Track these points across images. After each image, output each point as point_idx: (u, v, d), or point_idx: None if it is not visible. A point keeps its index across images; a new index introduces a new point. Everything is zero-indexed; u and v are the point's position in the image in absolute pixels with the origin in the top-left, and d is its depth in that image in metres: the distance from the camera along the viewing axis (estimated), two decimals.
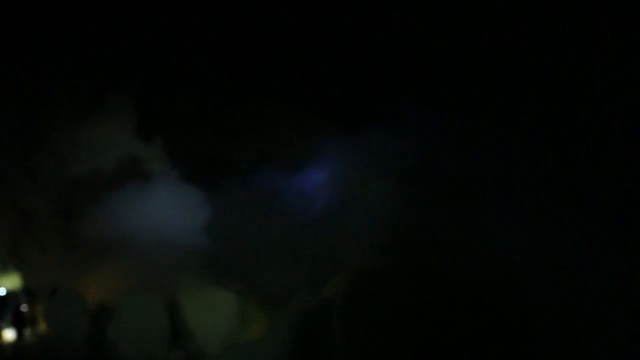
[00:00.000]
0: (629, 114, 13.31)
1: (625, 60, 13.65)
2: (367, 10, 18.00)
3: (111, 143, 18.07)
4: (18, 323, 14.32)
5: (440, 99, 16.02)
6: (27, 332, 14.69)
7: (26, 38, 17.60)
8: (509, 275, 11.14)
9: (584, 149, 13.35)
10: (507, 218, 12.35)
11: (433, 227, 12.92)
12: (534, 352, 10.42)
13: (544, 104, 14.71)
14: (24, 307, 14.99)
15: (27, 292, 15.61)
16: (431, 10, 16.83)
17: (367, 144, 16.39)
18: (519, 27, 15.51)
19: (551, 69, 15.09)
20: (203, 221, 16.16)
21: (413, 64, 17.53)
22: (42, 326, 14.87)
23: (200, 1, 18.48)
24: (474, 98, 15.65)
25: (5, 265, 16.78)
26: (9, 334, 14.34)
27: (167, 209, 16.22)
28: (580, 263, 11.00)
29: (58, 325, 13.94)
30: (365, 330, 11.08)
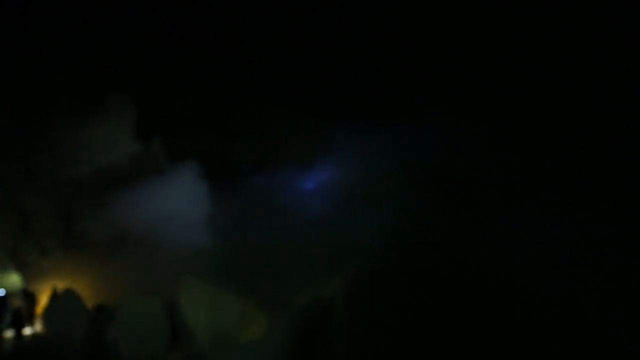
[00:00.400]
0: (631, 115, 13.33)
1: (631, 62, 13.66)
2: (371, 8, 18.03)
3: (111, 144, 18.08)
4: (18, 323, 14.31)
5: (443, 100, 15.99)
6: (27, 332, 14.68)
7: (26, 39, 17.62)
8: (509, 275, 11.15)
9: (588, 151, 13.35)
10: (509, 219, 12.35)
11: (433, 227, 12.91)
12: (534, 352, 10.42)
13: (551, 107, 14.68)
14: (24, 308, 14.99)
15: (27, 293, 15.60)
16: (437, 9, 16.84)
17: (368, 145, 16.41)
18: (539, 32, 15.46)
19: (554, 73, 15.09)
20: (203, 221, 16.18)
21: (413, 64, 17.55)
22: (41, 327, 14.87)
23: (199, 2, 18.51)
24: (477, 98, 15.64)
25: (6, 266, 16.79)
26: (9, 334, 14.33)
27: (167, 209, 16.23)
28: (581, 263, 11.00)
29: (58, 325, 13.93)
30: (365, 330, 11.07)
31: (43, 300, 15.49)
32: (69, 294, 14.42)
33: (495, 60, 16.09)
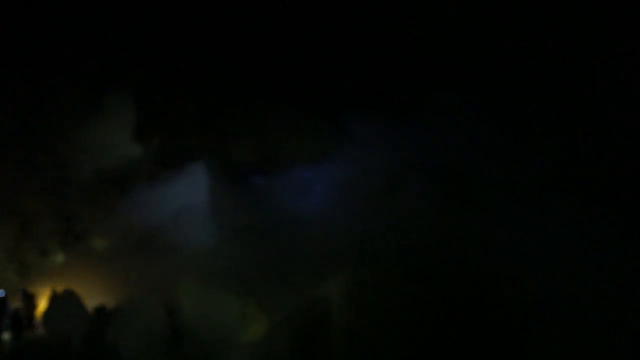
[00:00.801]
0: (631, 115, 13.31)
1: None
2: (371, 7, 17.99)
3: (111, 144, 18.07)
4: (17, 325, 14.30)
5: (447, 100, 15.88)
6: (27, 333, 14.67)
7: (26, 39, 17.62)
8: (510, 275, 11.15)
9: (589, 152, 13.31)
10: (509, 219, 12.34)
11: (434, 227, 12.91)
12: (534, 352, 10.42)
13: (558, 109, 14.61)
14: (23, 309, 14.98)
15: (26, 295, 15.58)
16: (438, 9, 16.78)
17: (368, 145, 16.40)
18: (545, 32, 15.36)
19: (567, 74, 15.00)
20: (203, 222, 16.17)
21: (415, 64, 17.53)
22: (41, 328, 14.85)
23: (199, 2, 18.51)
24: (485, 99, 15.54)
25: (6, 268, 16.77)
26: (8, 336, 14.33)
27: (167, 210, 16.22)
28: (581, 263, 11.00)
29: (58, 327, 13.92)
30: (365, 330, 11.08)
31: (42, 301, 15.48)
32: (69, 295, 14.40)
33: (502, 61, 16.03)
